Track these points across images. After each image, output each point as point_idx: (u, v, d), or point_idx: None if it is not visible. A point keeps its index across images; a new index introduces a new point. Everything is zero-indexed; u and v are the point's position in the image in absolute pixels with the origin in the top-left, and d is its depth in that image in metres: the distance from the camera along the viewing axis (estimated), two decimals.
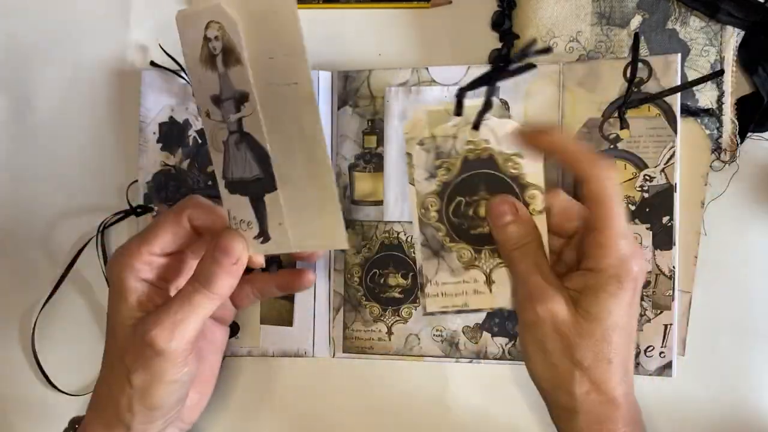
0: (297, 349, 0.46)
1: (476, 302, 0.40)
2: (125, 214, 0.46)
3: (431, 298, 0.40)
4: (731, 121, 0.44)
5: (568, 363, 0.36)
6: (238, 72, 0.33)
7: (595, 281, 0.35)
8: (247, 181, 0.35)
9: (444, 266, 0.40)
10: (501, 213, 0.38)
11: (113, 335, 0.37)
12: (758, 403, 0.44)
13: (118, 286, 0.37)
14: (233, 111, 0.34)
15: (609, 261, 0.35)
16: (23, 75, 0.49)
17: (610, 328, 0.35)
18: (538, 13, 0.45)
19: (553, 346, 0.36)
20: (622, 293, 0.35)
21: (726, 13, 0.43)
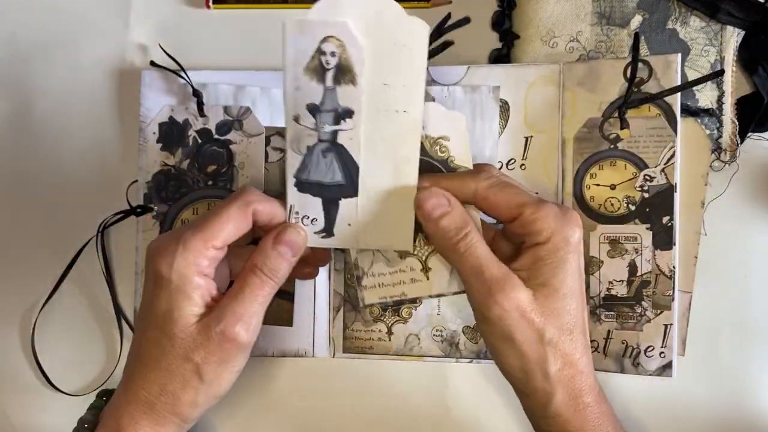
0: (297, 349, 0.46)
1: (414, 290, 0.40)
2: (125, 214, 0.46)
3: (369, 290, 0.41)
4: (731, 121, 0.44)
5: (539, 346, 0.35)
6: (348, 91, 0.34)
7: (546, 252, 0.35)
8: (325, 185, 0.37)
9: (379, 257, 0.40)
10: (433, 206, 0.37)
11: (169, 335, 0.36)
12: (758, 403, 0.44)
13: (182, 285, 0.35)
14: (330, 123, 0.35)
15: (551, 229, 0.35)
16: (23, 75, 0.49)
17: (567, 296, 0.36)
18: (538, 13, 0.45)
19: (522, 335, 0.35)
20: (571, 257, 0.36)
21: (726, 13, 0.43)
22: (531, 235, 0.36)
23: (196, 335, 0.36)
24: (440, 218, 0.37)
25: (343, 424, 0.47)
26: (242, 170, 0.45)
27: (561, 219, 0.36)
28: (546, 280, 0.35)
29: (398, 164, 0.36)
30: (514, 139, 0.44)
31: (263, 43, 0.47)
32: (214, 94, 0.46)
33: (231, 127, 0.45)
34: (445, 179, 0.38)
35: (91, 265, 0.47)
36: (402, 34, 0.32)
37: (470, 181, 0.37)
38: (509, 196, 0.36)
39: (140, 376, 0.37)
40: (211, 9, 0.48)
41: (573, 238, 0.36)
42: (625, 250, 0.43)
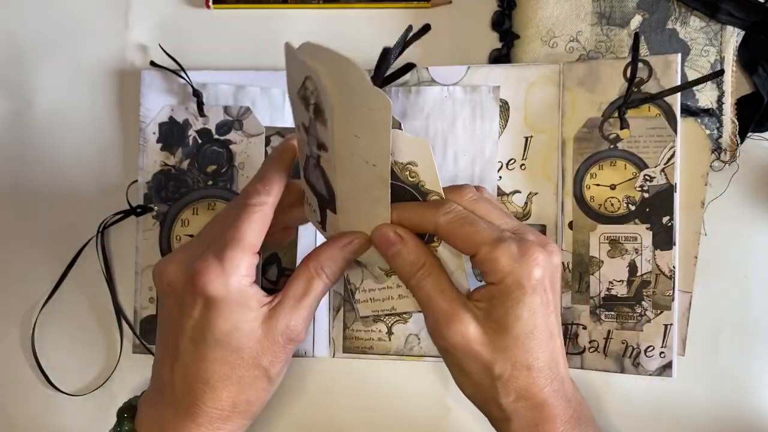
0: (297, 349, 0.46)
1: (402, 305, 0.41)
2: (125, 214, 0.46)
3: (362, 303, 0.41)
4: (731, 121, 0.44)
5: (488, 379, 0.35)
6: (322, 129, 0.33)
7: (498, 293, 0.35)
8: (317, 191, 0.37)
9: (367, 274, 0.40)
10: (386, 243, 0.37)
11: (237, 349, 0.36)
12: (758, 403, 0.44)
13: (242, 300, 0.35)
14: (315, 146, 0.35)
15: (503, 271, 0.34)
16: (23, 75, 0.49)
17: (522, 335, 0.35)
18: (538, 13, 0.45)
19: (471, 366, 0.36)
20: (528, 297, 0.35)
21: (726, 13, 0.43)
22: (486, 274, 0.35)
23: (263, 341, 0.36)
24: (394, 256, 0.37)
25: (343, 424, 0.47)
26: (242, 170, 0.45)
27: (516, 260, 0.35)
28: (498, 319, 0.35)
29: (371, 203, 0.36)
30: (514, 139, 0.44)
31: (263, 43, 0.47)
32: (214, 94, 0.46)
33: (231, 127, 0.45)
34: (408, 211, 0.37)
35: (91, 265, 0.47)
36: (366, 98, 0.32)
37: (430, 215, 0.36)
38: (467, 233, 0.35)
39: (211, 397, 0.36)
40: (211, 9, 0.48)
41: (528, 281, 0.35)
42: (625, 250, 0.43)
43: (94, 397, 0.47)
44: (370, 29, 0.47)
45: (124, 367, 0.47)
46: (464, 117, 0.44)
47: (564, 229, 0.44)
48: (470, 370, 0.36)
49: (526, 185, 0.44)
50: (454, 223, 0.36)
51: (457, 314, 0.35)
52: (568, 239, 0.44)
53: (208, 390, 0.36)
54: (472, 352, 0.35)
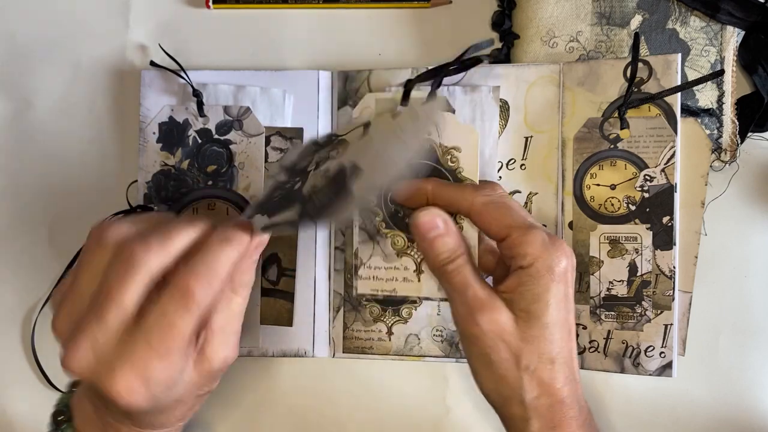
0: (297, 349, 0.46)
1: (404, 289, 0.41)
2: (125, 214, 0.46)
3: (363, 280, 0.41)
4: (731, 121, 0.44)
5: (515, 371, 0.35)
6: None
7: (528, 277, 0.35)
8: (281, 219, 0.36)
9: (378, 251, 0.41)
10: (430, 227, 0.37)
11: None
12: (758, 403, 0.44)
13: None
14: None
15: (534, 255, 0.35)
16: (23, 75, 0.49)
17: (550, 324, 0.35)
18: (538, 13, 0.45)
19: (499, 356, 0.36)
20: (556, 285, 0.35)
21: (726, 13, 0.43)
22: (516, 258, 0.36)
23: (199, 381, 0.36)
24: (434, 239, 0.37)
25: (343, 424, 0.47)
26: (242, 170, 0.45)
27: (547, 246, 0.35)
28: (528, 306, 0.35)
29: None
30: (514, 139, 0.44)
31: (263, 43, 0.47)
32: (214, 94, 0.46)
33: (231, 127, 0.45)
34: (446, 187, 0.38)
35: None
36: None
37: (469, 194, 0.37)
38: (501, 215, 0.36)
39: None
40: (211, 9, 0.48)
41: (558, 267, 0.35)
42: (626, 250, 0.43)
43: None
44: (370, 29, 0.47)
45: None
46: (464, 117, 0.44)
47: (564, 229, 0.44)
48: (497, 361, 0.36)
49: (526, 185, 0.44)
50: (490, 205, 0.37)
51: (493, 302, 0.36)
52: (568, 239, 0.44)
53: None
54: (504, 340, 0.35)
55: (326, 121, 0.46)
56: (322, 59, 0.47)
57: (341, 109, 0.46)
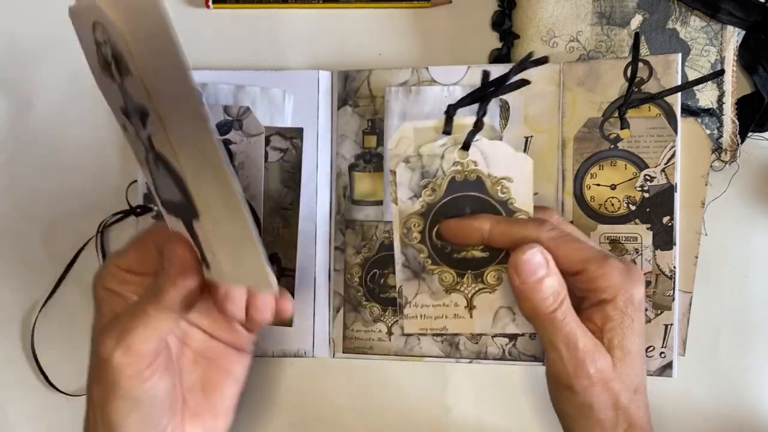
0: (297, 349, 0.46)
1: (456, 326, 0.39)
2: (125, 214, 0.46)
3: (410, 319, 0.40)
4: (732, 121, 0.44)
5: (612, 412, 0.34)
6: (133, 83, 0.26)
7: (615, 312, 0.34)
8: (176, 204, 0.30)
9: (424, 288, 0.39)
10: (534, 267, 0.34)
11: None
12: (758, 403, 0.44)
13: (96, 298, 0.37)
14: (141, 127, 0.28)
15: (616, 287, 0.34)
16: (23, 75, 0.49)
17: (638, 357, 0.35)
18: (538, 12, 0.45)
19: (601, 403, 0.34)
20: (638, 314, 0.35)
21: (726, 12, 0.43)
22: (596, 291, 0.34)
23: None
24: (540, 281, 0.34)
25: (343, 424, 0.47)
26: (242, 170, 0.45)
27: (626, 276, 0.34)
28: (620, 343, 0.34)
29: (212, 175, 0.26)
30: (514, 139, 0.44)
31: (263, 43, 0.47)
32: (214, 94, 0.46)
33: (231, 126, 0.45)
34: (507, 224, 0.36)
35: (91, 265, 0.47)
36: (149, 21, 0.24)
37: (533, 230, 0.35)
38: (573, 250, 0.34)
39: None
40: (211, 9, 0.48)
41: (638, 296, 0.34)
42: (626, 250, 0.43)
43: None
44: (370, 29, 0.47)
45: None
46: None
47: None
48: (599, 407, 0.34)
49: None
50: (558, 240, 0.35)
51: (599, 349, 0.34)
52: None
53: None
54: (608, 386, 0.34)
55: (326, 121, 0.46)
56: (322, 59, 0.47)
57: (341, 108, 0.46)
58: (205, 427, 0.38)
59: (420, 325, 0.40)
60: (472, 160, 0.37)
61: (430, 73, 0.45)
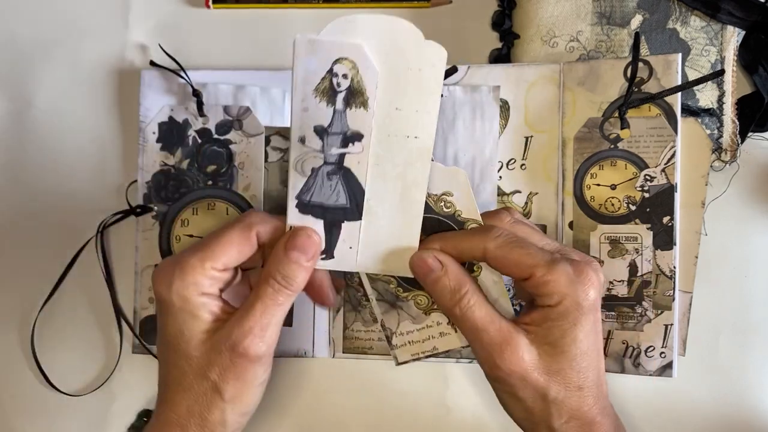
0: (297, 349, 0.46)
1: (444, 344, 0.40)
2: (125, 214, 0.46)
3: (400, 348, 0.41)
4: (732, 121, 0.44)
5: (542, 403, 0.35)
6: (359, 114, 0.33)
7: (557, 315, 0.35)
8: (328, 207, 0.36)
9: (404, 315, 0.40)
10: (425, 269, 0.36)
11: (185, 356, 0.36)
12: (758, 403, 0.44)
13: (184, 305, 0.35)
14: (338, 146, 0.34)
15: (561, 293, 0.34)
16: (23, 75, 0.49)
17: (578, 357, 0.35)
18: (538, 12, 0.45)
19: (525, 393, 0.35)
20: (584, 318, 0.35)
21: (727, 12, 0.43)
22: (542, 296, 0.35)
23: (210, 352, 0.35)
24: (434, 282, 0.36)
25: (343, 424, 0.47)
26: (242, 170, 0.45)
27: (573, 282, 0.34)
28: (555, 341, 0.35)
29: (406, 189, 0.35)
30: (514, 139, 0.44)
31: (263, 43, 0.47)
32: (214, 94, 0.46)
33: (231, 126, 0.45)
34: (454, 240, 0.37)
35: (91, 265, 0.47)
36: (417, 58, 0.32)
37: (479, 241, 0.36)
38: (519, 256, 0.35)
39: (168, 399, 0.37)
40: (211, 9, 0.48)
41: (586, 302, 0.34)
42: (626, 250, 0.43)
43: (94, 397, 0.47)
44: None
45: (123, 368, 0.47)
46: (464, 117, 0.44)
47: (564, 229, 0.44)
48: (524, 397, 0.35)
49: (526, 185, 0.44)
50: (505, 247, 0.35)
51: (510, 342, 0.35)
52: (569, 239, 0.44)
53: (166, 390, 0.37)
54: (529, 379, 0.35)
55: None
56: None
57: None
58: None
59: (411, 351, 0.41)
60: None
61: None
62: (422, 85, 0.32)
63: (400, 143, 0.34)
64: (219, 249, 0.36)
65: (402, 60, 0.32)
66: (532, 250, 0.35)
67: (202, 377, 0.36)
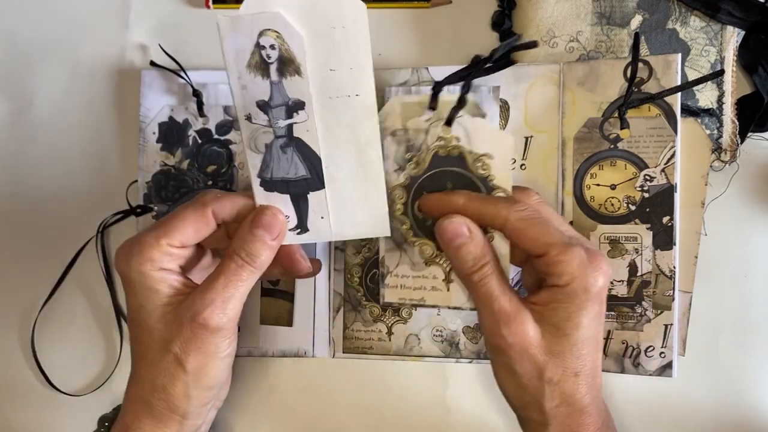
0: (297, 349, 0.46)
1: (433, 298, 0.40)
2: (125, 214, 0.46)
3: (390, 288, 0.41)
4: (731, 121, 0.44)
5: (537, 381, 0.36)
6: (295, 82, 0.33)
7: (564, 296, 0.35)
8: (290, 181, 0.37)
9: (405, 259, 0.40)
10: (453, 235, 0.37)
11: (147, 329, 0.37)
12: (758, 403, 0.44)
13: (143, 280, 0.36)
14: (283, 117, 0.35)
15: (572, 275, 0.35)
16: (23, 75, 0.49)
17: (579, 342, 0.35)
18: (538, 13, 0.45)
19: (523, 368, 0.36)
20: (590, 305, 0.35)
21: (726, 12, 0.43)
22: (552, 276, 0.35)
23: (171, 325, 0.36)
24: (459, 247, 0.37)
25: (343, 424, 0.47)
26: (242, 170, 0.45)
27: (585, 265, 0.35)
28: (558, 323, 0.35)
29: (360, 150, 0.36)
30: (514, 139, 0.44)
31: None
32: (214, 94, 0.46)
33: (231, 127, 0.45)
34: (479, 201, 0.37)
35: (91, 265, 0.47)
36: (338, 16, 0.32)
37: (503, 209, 0.36)
38: (538, 233, 0.35)
39: (134, 374, 0.38)
40: (211, 9, 0.48)
41: (594, 287, 0.35)
42: (626, 250, 0.43)
43: (94, 397, 0.47)
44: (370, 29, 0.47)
45: (123, 367, 0.47)
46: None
47: None
48: (521, 372, 0.36)
49: (526, 185, 0.44)
50: (527, 221, 0.36)
51: (519, 314, 0.35)
52: None
53: (133, 366, 0.38)
54: (529, 353, 0.35)
55: None
56: None
57: None
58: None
59: (399, 294, 0.41)
60: (454, 136, 0.38)
61: (430, 73, 0.45)
62: (348, 42, 0.32)
63: (343, 103, 0.34)
64: (173, 227, 0.37)
65: (323, 20, 0.32)
66: (552, 229, 0.36)
67: (165, 350, 0.36)
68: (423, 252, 0.40)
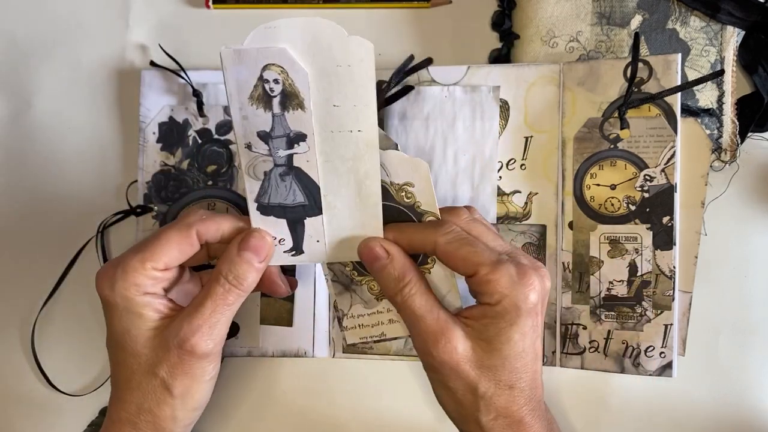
0: (297, 349, 0.46)
1: (392, 331, 0.41)
2: (125, 214, 0.46)
3: (350, 331, 0.41)
4: (731, 121, 0.44)
5: (471, 396, 0.36)
6: (298, 116, 0.33)
7: (494, 313, 0.35)
8: (288, 207, 0.37)
9: (357, 299, 0.41)
10: (371, 258, 0.37)
11: (132, 354, 0.36)
12: (758, 403, 0.44)
13: (128, 305, 0.36)
14: (284, 148, 0.35)
15: (501, 293, 0.35)
16: (23, 75, 0.49)
17: (511, 356, 0.35)
18: (538, 13, 0.45)
19: (456, 384, 0.36)
20: (522, 320, 0.35)
21: (726, 12, 0.43)
22: (484, 295, 0.35)
23: (158, 349, 0.36)
24: (380, 270, 0.37)
25: (343, 424, 0.47)
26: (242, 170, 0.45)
27: (515, 283, 0.35)
28: (490, 338, 0.35)
29: (359, 182, 0.36)
30: (514, 139, 0.44)
31: None
32: (214, 94, 0.46)
33: (231, 127, 0.45)
34: (408, 231, 0.37)
35: (91, 265, 0.47)
36: (344, 55, 0.32)
37: (431, 234, 0.36)
38: (466, 254, 0.35)
39: (118, 397, 0.37)
40: (211, 9, 0.48)
41: (525, 304, 0.35)
42: (626, 250, 0.43)
43: (94, 397, 0.47)
44: (370, 29, 0.47)
45: None
46: (464, 117, 0.44)
47: (564, 229, 0.44)
48: (454, 388, 0.36)
49: (526, 185, 0.44)
50: (454, 243, 0.36)
51: (445, 332, 0.35)
52: (568, 239, 0.44)
53: (116, 389, 0.37)
54: (460, 370, 0.35)
55: None
56: None
57: None
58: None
59: (360, 334, 0.41)
60: None
61: (430, 73, 0.45)
62: (354, 80, 0.32)
63: (344, 138, 0.34)
64: (159, 249, 0.36)
65: (329, 58, 0.32)
66: (480, 249, 0.36)
67: (151, 374, 0.36)
68: (371, 288, 0.40)
